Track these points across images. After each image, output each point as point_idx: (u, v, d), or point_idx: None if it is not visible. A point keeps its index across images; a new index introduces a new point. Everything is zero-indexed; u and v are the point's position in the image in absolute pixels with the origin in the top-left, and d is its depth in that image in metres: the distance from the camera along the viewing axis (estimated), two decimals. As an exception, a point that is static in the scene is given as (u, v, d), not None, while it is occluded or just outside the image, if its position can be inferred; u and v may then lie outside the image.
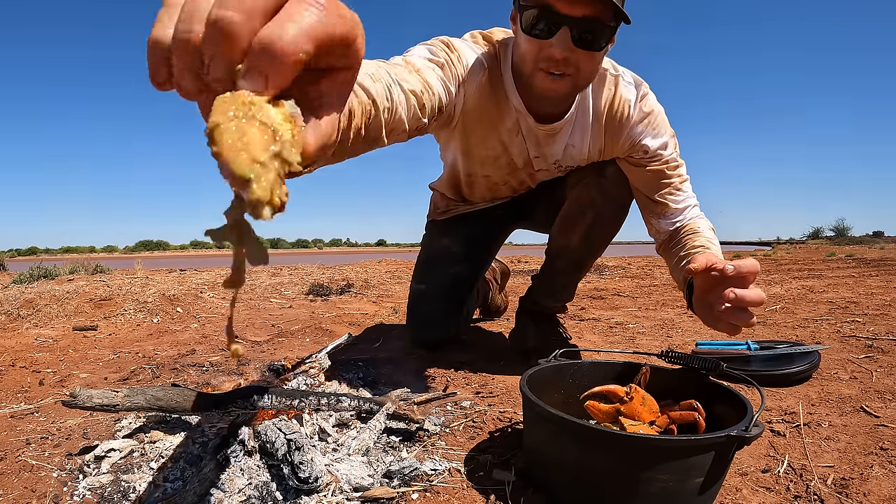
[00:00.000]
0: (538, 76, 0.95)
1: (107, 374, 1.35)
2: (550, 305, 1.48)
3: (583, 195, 1.24)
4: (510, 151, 1.17)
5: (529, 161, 1.20)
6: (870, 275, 4.03)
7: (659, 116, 1.12)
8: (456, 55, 0.95)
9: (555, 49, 0.90)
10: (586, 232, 1.27)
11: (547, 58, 0.92)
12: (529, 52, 0.94)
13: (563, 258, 1.36)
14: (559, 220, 1.32)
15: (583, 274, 1.42)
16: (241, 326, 2.02)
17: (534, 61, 0.94)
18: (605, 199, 1.23)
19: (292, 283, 3.42)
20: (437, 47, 0.93)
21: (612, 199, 1.23)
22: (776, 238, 45.19)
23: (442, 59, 0.90)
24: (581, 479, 0.66)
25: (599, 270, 4.73)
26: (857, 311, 2.14)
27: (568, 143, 1.14)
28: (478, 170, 1.26)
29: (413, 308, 1.55)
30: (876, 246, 14.14)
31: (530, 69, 0.96)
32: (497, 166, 1.23)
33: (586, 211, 1.24)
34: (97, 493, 0.70)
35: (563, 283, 1.42)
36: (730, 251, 12.66)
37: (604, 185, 1.21)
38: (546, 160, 1.19)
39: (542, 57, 0.93)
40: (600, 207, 1.24)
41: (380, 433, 0.85)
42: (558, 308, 1.52)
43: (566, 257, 1.35)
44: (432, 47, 0.92)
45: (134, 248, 66.16)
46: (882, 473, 0.76)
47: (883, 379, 1.20)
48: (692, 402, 0.76)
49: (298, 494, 0.68)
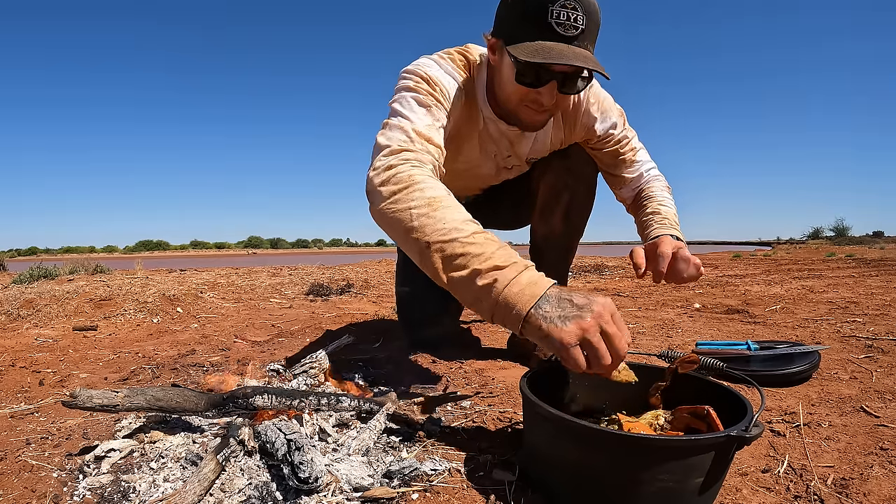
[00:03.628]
0: (523, 111, 1.05)
1: (107, 374, 1.35)
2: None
3: (554, 181, 1.33)
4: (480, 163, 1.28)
5: (501, 165, 1.30)
6: (870, 275, 4.03)
7: (606, 101, 1.22)
8: (438, 89, 1.03)
9: (543, 97, 0.99)
10: (566, 214, 1.35)
11: (534, 101, 1.01)
12: (517, 94, 1.02)
13: (549, 245, 1.42)
14: (538, 211, 1.40)
15: (571, 257, 1.48)
16: (241, 326, 2.02)
17: (520, 101, 1.03)
18: (575, 179, 1.32)
19: (292, 283, 3.42)
20: (422, 90, 1.01)
21: (581, 178, 1.33)
22: (776, 238, 45.17)
23: (430, 102, 1.00)
24: (581, 479, 0.66)
25: (599, 270, 4.73)
26: (857, 311, 2.14)
27: (536, 138, 1.24)
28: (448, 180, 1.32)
29: (401, 311, 1.61)
30: (876, 246, 14.13)
31: (515, 105, 1.05)
32: (467, 177, 1.34)
33: (561, 194, 1.33)
34: (97, 493, 0.70)
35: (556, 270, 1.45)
36: (730, 251, 12.66)
37: (570, 166, 1.30)
38: (519, 157, 1.29)
39: (529, 99, 1.02)
40: (573, 187, 1.33)
41: (380, 433, 0.85)
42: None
43: (553, 243, 1.41)
44: (418, 95, 1.00)
45: (134, 248, 66.14)
46: (882, 473, 0.76)
47: (883, 379, 1.20)
48: (705, 407, 0.75)
49: (298, 494, 0.68)
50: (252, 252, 56.50)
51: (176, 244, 70.15)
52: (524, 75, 0.98)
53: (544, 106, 1.02)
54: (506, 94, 1.05)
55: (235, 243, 73.55)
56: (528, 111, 1.05)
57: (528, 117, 1.06)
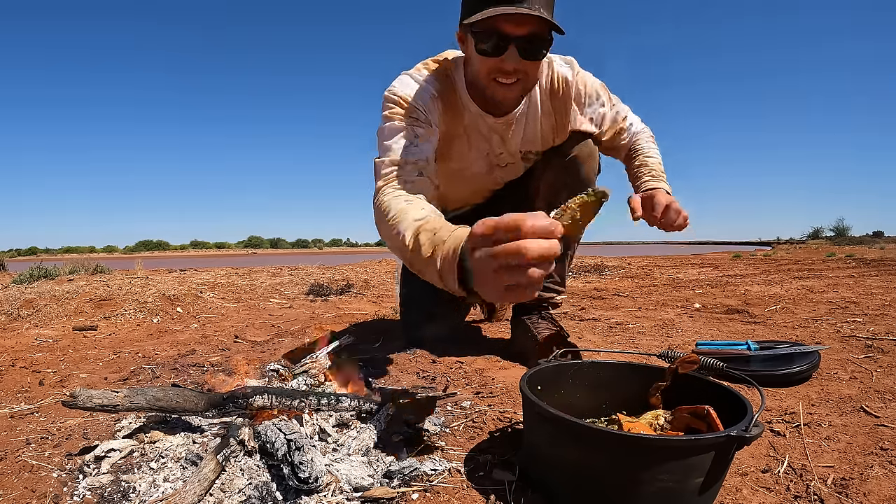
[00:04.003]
0: (493, 87, 1.12)
1: (107, 374, 1.35)
2: (546, 295, 1.50)
3: (553, 179, 1.36)
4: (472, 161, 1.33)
5: (494, 163, 1.35)
6: (870, 275, 4.03)
7: (595, 85, 1.31)
8: (412, 106, 1.14)
9: (506, 63, 1.07)
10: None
11: (499, 70, 1.09)
12: (483, 67, 1.10)
13: None
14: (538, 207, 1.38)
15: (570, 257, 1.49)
16: (241, 326, 2.02)
17: (488, 75, 1.11)
18: (574, 178, 1.34)
19: (292, 283, 3.42)
20: (395, 115, 1.12)
21: (580, 177, 1.34)
22: (776, 238, 45.17)
23: (405, 124, 1.11)
24: (581, 479, 0.66)
25: (599, 270, 4.73)
26: (857, 311, 2.14)
27: (526, 127, 1.30)
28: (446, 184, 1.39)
29: (402, 311, 1.63)
30: (876, 246, 14.13)
31: (485, 81, 1.13)
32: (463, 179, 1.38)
33: (560, 192, 1.35)
34: (97, 493, 0.70)
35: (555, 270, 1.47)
36: (730, 251, 12.67)
37: (569, 165, 1.33)
38: (511, 153, 1.34)
39: (495, 70, 1.09)
40: (571, 186, 1.34)
41: (380, 433, 0.85)
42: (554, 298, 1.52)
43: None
44: (393, 122, 1.12)
45: (134, 248, 66.12)
46: (882, 473, 0.76)
47: (883, 379, 1.20)
48: (705, 407, 0.75)
49: (298, 494, 0.68)
50: (252, 252, 56.53)
51: (176, 244, 70.14)
52: (483, 42, 1.06)
53: (510, 74, 1.08)
54: (475, 73, 1.14)
55: (235, 243, 73.56)
56: (498, 86, 1.11)
57: (501, 94, 1.13)
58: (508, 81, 1.10)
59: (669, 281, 3.85)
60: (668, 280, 3.93)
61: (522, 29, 1.03)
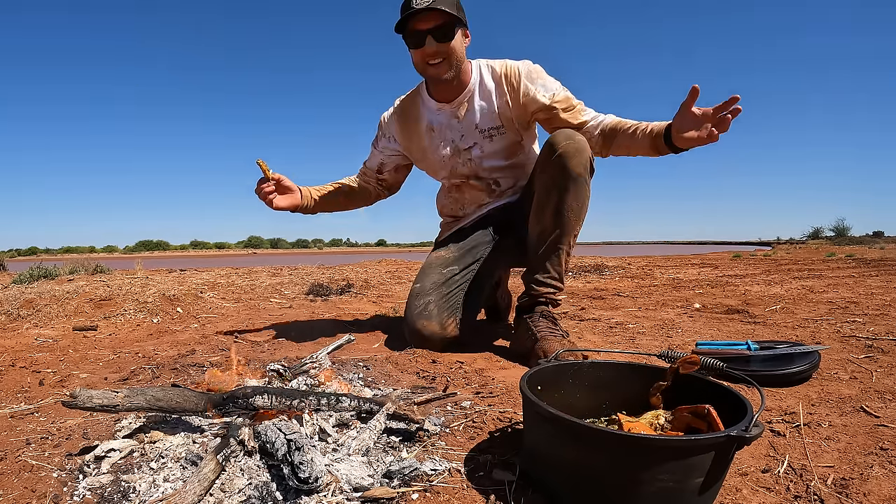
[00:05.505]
0: (429, 70, 1.51)
1: (107, 374, 1.35)
2: (544, 291, 1.49)
3: (548, 179, 1.43)
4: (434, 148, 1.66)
5: (459, 147, 1.63)
6: (870, 275, 4.03)
7: (542, 71, 1.56)
8: (384, 127, 1.75)
9: (427, 49, 1.46)
10: (557, 211, 1.43)
11: (425, 55, 1.48)
12: (416, 58, 1.51)
13: (542, 242, 1.47)
14: (533, 209, 1.49)
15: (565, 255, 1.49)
16: (241, 326, 2.02)
17: (421, 61, 1.51)
18: (567, 178, 1.40)
19: (292, 283, 3.42)
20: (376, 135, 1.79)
21: (574, 177, 1.40)
22: (776, 238, 45.14)
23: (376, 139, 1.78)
24: (581, 479, 0.66)
25: (599, 270, 4.73)
26: (857, 311, 2.14)
27: (477, 105, 1.58)
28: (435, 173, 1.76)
29: (408, 303, 1.62)
30: (876, 246, 14.13)
31: (422, 68, 1.52)
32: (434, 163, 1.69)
33: (552, 192, 1.43)
34: (97, 493, 0.70)
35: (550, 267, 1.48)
36: (730, 251, 12.66)
37: (564, 165, 1.39)
38: (472, 133, 1.60)
39: (424, 57, 1.49)
40: (565, 185, 1.41)
41: (380, 433, 0.85)
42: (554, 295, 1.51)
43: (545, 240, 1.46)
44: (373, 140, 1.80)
45: (134, 248, 66.08)
46: (882, 473, 0.76)
47: (883, 379, 1.20)
48: (706, 407, 0.75)
49: (298, 494, 0.68)
50: (252, 252, 56.52)
51: (176, 244, 70.10)
52: (407, 41, 1.49)
53: (435, 55, 1.46)
54: (416, 65, 1.53)
55: (235, 243, 73.49)
56: (431, 68, 1.49)
57: (433, 72, 1.50)
58: (436, 61, 1.48)
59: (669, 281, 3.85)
60: (668, 280, 3.93)
61: (429, 24, 1.43)
